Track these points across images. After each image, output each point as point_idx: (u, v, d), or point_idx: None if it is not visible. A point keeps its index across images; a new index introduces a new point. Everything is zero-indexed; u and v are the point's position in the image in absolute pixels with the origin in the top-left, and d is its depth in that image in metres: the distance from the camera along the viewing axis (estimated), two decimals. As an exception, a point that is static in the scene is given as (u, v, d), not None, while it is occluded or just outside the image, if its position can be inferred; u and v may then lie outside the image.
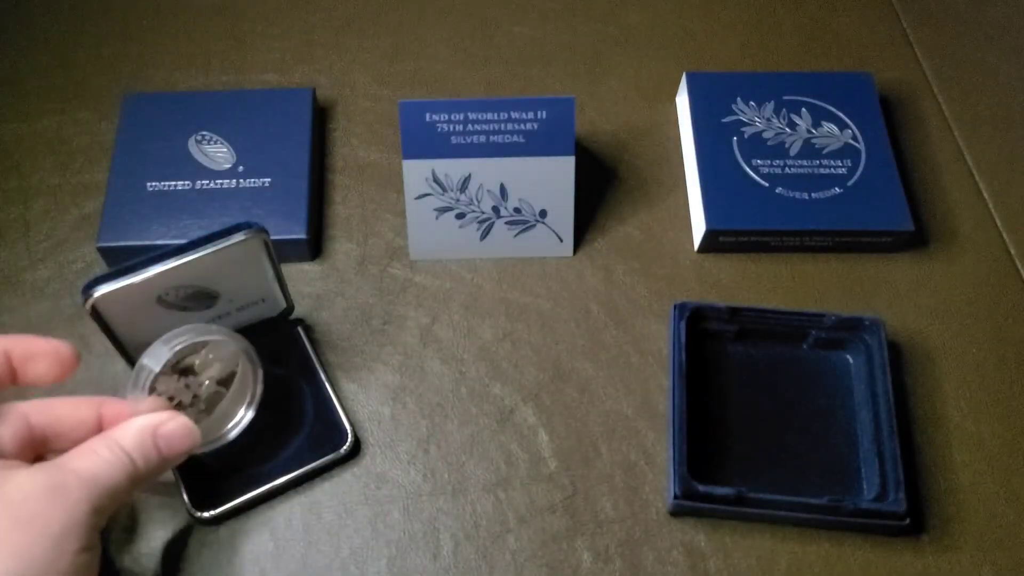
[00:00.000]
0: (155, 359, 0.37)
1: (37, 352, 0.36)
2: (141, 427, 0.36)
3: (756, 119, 0.54)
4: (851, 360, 0.47)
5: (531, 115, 0.47)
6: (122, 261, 0.49)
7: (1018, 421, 0.46)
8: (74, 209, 0.52)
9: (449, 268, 0.51)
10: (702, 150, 0.52)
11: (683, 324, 0.45)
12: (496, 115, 0.47)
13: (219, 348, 0.39)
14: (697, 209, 0.52)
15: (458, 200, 0.49)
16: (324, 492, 0.43)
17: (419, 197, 0.49)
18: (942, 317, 0.50)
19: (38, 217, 0.52)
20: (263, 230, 0.40)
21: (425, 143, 0.48)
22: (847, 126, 0.54)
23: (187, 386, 0.39)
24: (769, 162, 0.52)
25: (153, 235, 0.48)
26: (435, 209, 0.49)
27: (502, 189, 0.49)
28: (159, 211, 0.49)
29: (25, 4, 0.62)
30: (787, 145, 0.53)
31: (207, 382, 0.40)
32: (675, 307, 0.46)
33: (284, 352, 0.46)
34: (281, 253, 0.49)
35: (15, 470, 0.33)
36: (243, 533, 0.42)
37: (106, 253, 0.49)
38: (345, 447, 0.43)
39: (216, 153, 0.51)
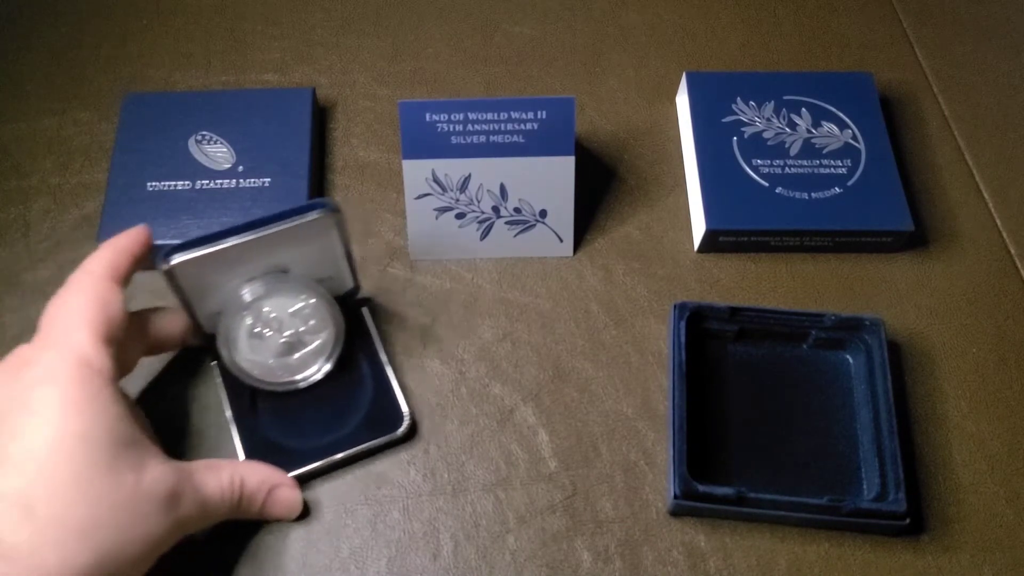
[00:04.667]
0: (253, 292, 0.41)
1: (164, 324, 0.42)
2: (265, 478, 0.40)
3: (756, 119, 0.54)
4: (851, 360, 0.47)
5: (531, 115, 0.47)
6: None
7: (1018, 421, 0.46)
8: (74, 209, 0.52)
9: (449, 268, 0.51)
10: (702, 150, 0.52)
11: (683, 324, 0.45)
12: (496, 115, 0.47)
13: (315, 306, 0.42)
14: (697, 209, 0.52)
15: (458, 200, 0.49)
16: (324, 492, 0.43)
17: (419, 197, 0.49)
18: (942, 317, 0.50)
19: (38, 217, 0.52)
20: (337, 209, 0.40)
21: (425, 143, 0.48)
22: (847, 126, 0.54)
23: (276, 327, 0.42)
24: (769, 162, 0.52)
25: (153, 235, 0.48)
26: (435, 209, 0.49)
27: (502, 189, 0.49)
28: (159, 211, 0.49)
29: (25, 4, 0.62)
30: (787, 145, 0.53)
31: (294, 330, 0.42)
32: (675, 307, 0.46)
33: (348, 331, 0.46)
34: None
35: (154, 458, 0.35)
36: (243, 528, 0.42)
37: (106, 253, 0.49)
38: (401, 429, 0.44)
39: (216, 153, 0.51)
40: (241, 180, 0.50)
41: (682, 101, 0.57)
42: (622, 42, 0.62)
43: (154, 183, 0.50)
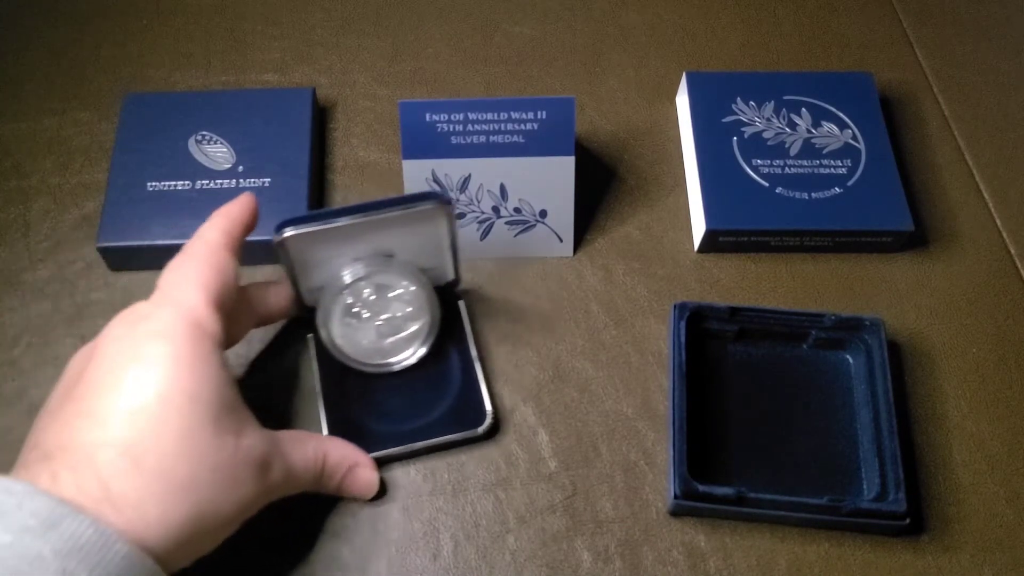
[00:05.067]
0: (348, 274, 0.42)
1: (271, 297, 0.43)
2: (346, 455, 0.41)
3: (756, 119, 0.54)
4: (851, 360, 0.47)
5: (531, 115, 0.47)
6: (122, 261, 0.49)
7: (1018, 421, 0.46)
8: (74, 209, 0.52)
9: (449, 268, 0.51)
10: (702, 150, 0.52)
11: (683, 324, 0.45)
12: (496, 115, 0.47)
13: (415, 294, 0.43)
14: (697, 209, 0.52)
15: (458, 200, 0.49)
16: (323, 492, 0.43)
17: (419, 197, 0.49)
18: (942, 317, 0.50)
19: (38, 217, 0.52)
20: (450, 202, 0.41)
21: (425, 143, 0.48)
22: (847, 126, 0.54)
23: (374, 309, 0.43)
24: (769, 162, 0.52)
25: (153, 235, 0.48)
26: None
27: (502, 189, 0.49)
28: (159, 211, 0.49)
29: (25, 4, 0.62)
30: (787, 145, 0.53)
31: (391, 314, 0.43)
32: (675, 307, 0.46)
33: (442, 322, 0.46)
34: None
35: (250, 425, 0.36)
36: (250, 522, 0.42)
37: (106, 253, 0.49)
38: (482, 427, 0.44)
39: (216, 153, 0.51)
40: (241, 180, 0.50)
41: (682, 101, 0.57)
42: (622, 42, 0.62)
43: (154, 183, 0.50)
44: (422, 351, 0.45)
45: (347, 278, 0.42)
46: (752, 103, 0.54)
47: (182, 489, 0.32)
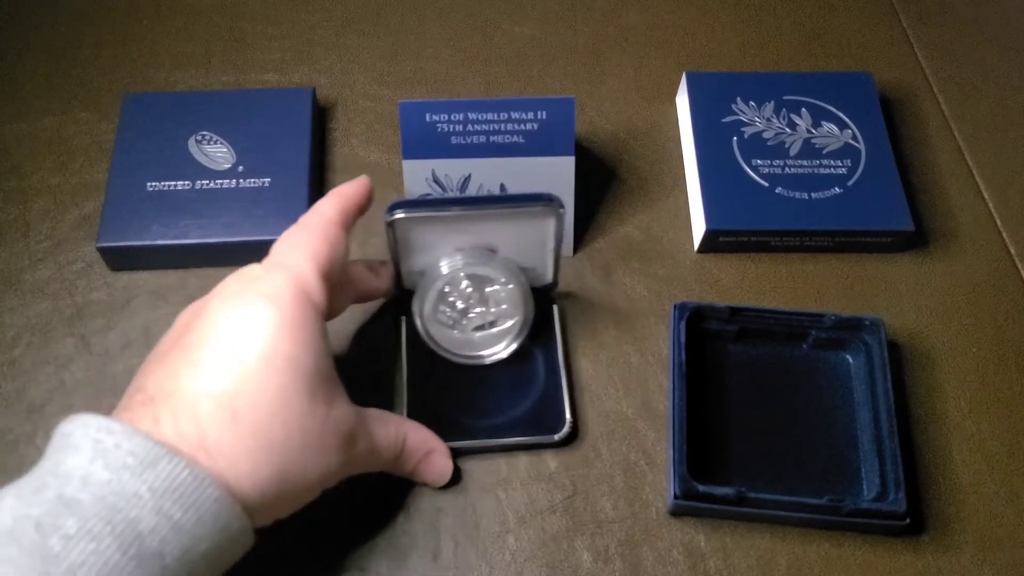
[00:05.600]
0: (448, 264, 0.42)
1: (373, 276, 0.45)
2: (424, 440, 0.41)
3: (756, 119, 0.54)
4: (851, 360, 0.47)
5: (531, 115, 0.47)
6: (122, 261, 0.49)
7: (1018, 421, 0.46)
8: (74, 209, 0.52)
9: (449, 268, 0.51)
10: (702, 150, 0.52)
11: (683, 324, 0.45)
12: (496, 115, 0.47)
13: (511, 292, 0.43)
14: (697, 209, 0.52)
15: (458, 200, 0.49)
16: (323, 492, 0.43)
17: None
18: (942, 317, 0.50)
19: (38, 217, 0.52)
20: (562, 206, 0.41)
21: (425, 143, 0.48)
22: (847, 126, 0.54)
23: (469, 301, 0.43)
24: (769, 162, 0.52)
25: (153, 235, 0.48)
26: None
27: (502, 189, 0.49)
28: (159, 211, 0.49)
29: (25, 4, 0.62)
30: (787, 145, 0.53)
31: (484, 308, 0.43)
32: (675, 307, 0.46)
33: (534, 324, 0.46)
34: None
35: (342, 397, 0.37)
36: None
37: (106, 253, 0.49)
38: (560, 434, 0.44)
39: (216, 153, 0.51)
40: (241, 180, 0.50)
41: (682, 101, 0.57)
42: (622, 42, 0.62)
43: (154, 183, 0.50)
44: (512, 347, 0.44)
45: (447, 267, 0.42)
46: (752, 103, 0.54)
47: (272, 447, 0.33)
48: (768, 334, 0.47)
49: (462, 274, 0.43)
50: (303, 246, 0.37)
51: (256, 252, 0.49)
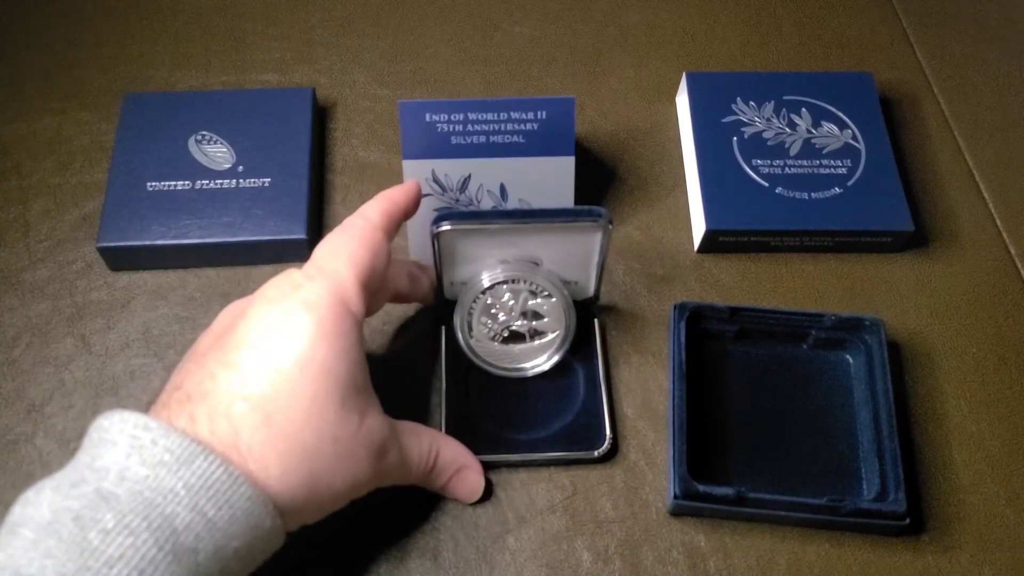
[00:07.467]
0: (491, 276, 0.42)
1: (412, 280, 0.44)
2: (457, 456, 0.41)
3: (756, 119, 0.54)
4: (851, 360, 0.47)
5: (531, 115, 0.47)
6: (122, 261, 0.49)
7: (1018, 421, 0.46)
8: (74, 209, 0.52)
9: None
10: (702, 150, 0.52)
11: (683, 324, 0.45)
12: (496, 115, 0.47)
13: (554, 305, 0.43)
14: (697, 209, 0.52)
15: (458, 200, 0.49)
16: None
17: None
18: (942, 317, 0.50)
19: (38, 217, 0.52)
20: (611, 222, 0.41)
21: (425, 143, 0.47)
22: (847, 126, 0.54)
23: (510, 313, 0.43)
24: (769, 162, 0.52)
25: (153, 235, 0.48)
26: (435, 209, 0.49)
27: (502, 189, 0.49)
28: (159, 211, 0.49)
29: (25, 4, 0.62)
30: (787, 145, 0.53)
31: (525, 321, 0.43)
32: (675, 307, 0.46)
33: (575, 338, 0.45)
34: (280, 254, 0.49)
35: (374, 408, 0.37)
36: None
37: (106, 253, 0.49)
38: (599, 450, 0.44)
39: (216, 153, 0.51)
40: (241, 180, 0.50)
41: (682, 101, 0.57)
42: (622, 42, 0.62)
43: (154, 183, 0.50)
44: (554, 360, 0.44)
45: (490, 279, 0.42)
46: (752, 103, 0.54)
47: (303, 453, 0.33)
48: (768, 334, 0.47)
49: (505, 286, 0.42)
50: (345, 253, 0.37)
51: (256, 252, 0.50)
